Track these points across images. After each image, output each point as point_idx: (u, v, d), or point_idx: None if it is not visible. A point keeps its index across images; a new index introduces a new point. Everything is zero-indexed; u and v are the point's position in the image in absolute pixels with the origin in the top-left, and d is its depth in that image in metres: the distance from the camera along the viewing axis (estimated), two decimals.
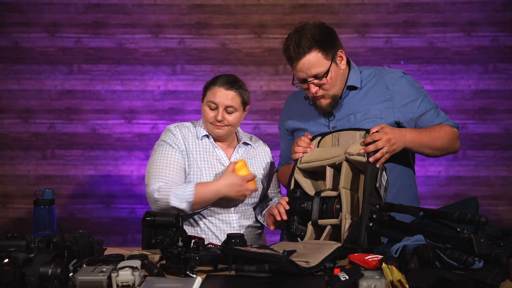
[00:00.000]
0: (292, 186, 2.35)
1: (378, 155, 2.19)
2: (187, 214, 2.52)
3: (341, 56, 2.47)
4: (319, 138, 2.45)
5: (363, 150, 2.19)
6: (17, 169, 4.41)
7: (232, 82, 2.57)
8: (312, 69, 2.41)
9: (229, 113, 2.55)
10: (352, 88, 2.53)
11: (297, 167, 2.36)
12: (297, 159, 2.37)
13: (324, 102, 2.48)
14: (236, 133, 2.71)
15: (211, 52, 4.39)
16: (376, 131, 2.24)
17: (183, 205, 2.44)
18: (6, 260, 1.60)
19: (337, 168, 2.28)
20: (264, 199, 2.71)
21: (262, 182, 2.67)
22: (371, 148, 2.19)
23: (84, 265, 1.84)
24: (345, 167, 2.23)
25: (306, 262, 1.81)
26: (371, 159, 2.17)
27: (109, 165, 4.40)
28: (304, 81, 2.45)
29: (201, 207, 2.51)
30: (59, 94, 4.40)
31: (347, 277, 1.64)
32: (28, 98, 4.40)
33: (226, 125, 2.56)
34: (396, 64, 4.32)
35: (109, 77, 4.40)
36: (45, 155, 4.40)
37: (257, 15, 4.38)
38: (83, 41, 4.40)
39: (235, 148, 2.68)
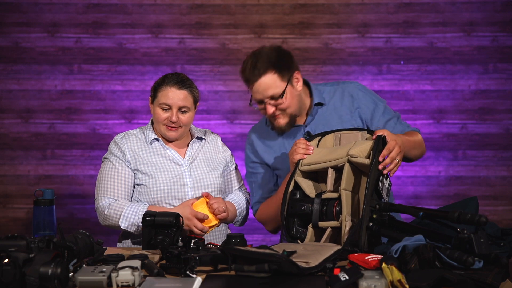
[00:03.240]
0: (291, 188, 2.33)
1: (392, 166, 2.19)
2: None
3: (297, 78, 2.54)
4: (319, 137, 2.44)
5: (381, 166, 2.16)
6: (17, 169, 4.41)
7: (183, 81, 2.53)
8: (268, 90, 2.47)
9: (183, 112, 2.52)
10: (318, 104, 2.60)
11: (299, 169, 2.35)
12: (298, 161, 2.36)
13: (282, 121, 2.54)
14: (189, 129, 2.67)
15: (211, 52, 4.39)
16: (384, 135, 2.24)
17: (132, 229, 2.42)
18: (6, 260, 1.60)
19: (339, 169, 2.27)
20: (222, 193, 2.66)
21: (219, 176, 2.63)
22: (387, 161, 2.18)
23: (84, 265, 1.84)
24: (346, 168, 2.22)
25: (306, 262, 1.81)
26: (385, 172, 2.17)
27: None
28: (261, 102, 2.51)
29: None
30: (59, 94, 4.40)
31: (347, 277, 1.64)
32: (28, 98, 4.40)
33: (180, 126, 2.53)
34: (396, 64, 4.32)
35: (109, 77, 4.40)
36: (45, 155, 4.40)
37: (257, 15, 4.38)
38: (83, 41, 4.40)
39: (188, 144, 2.63)
